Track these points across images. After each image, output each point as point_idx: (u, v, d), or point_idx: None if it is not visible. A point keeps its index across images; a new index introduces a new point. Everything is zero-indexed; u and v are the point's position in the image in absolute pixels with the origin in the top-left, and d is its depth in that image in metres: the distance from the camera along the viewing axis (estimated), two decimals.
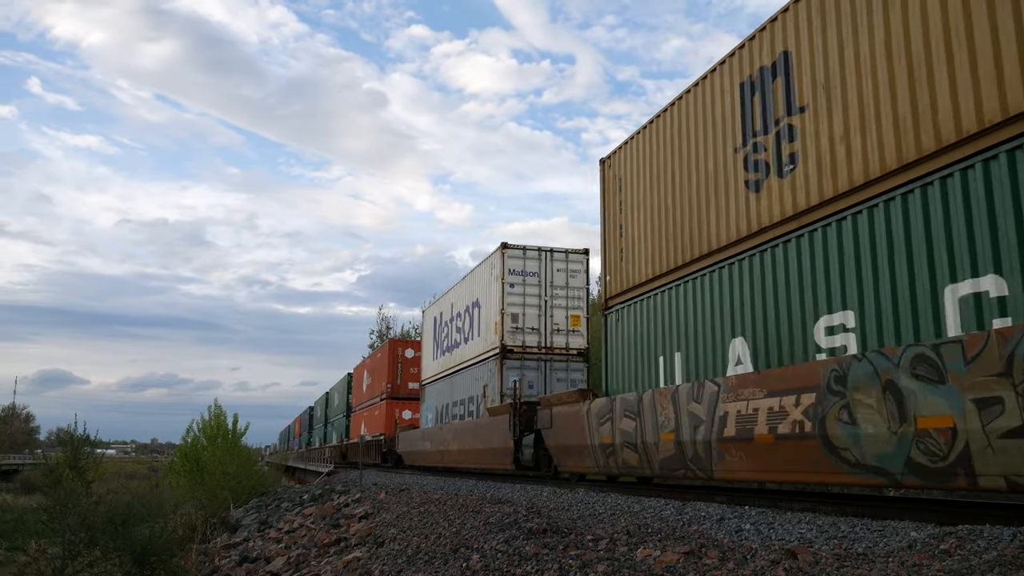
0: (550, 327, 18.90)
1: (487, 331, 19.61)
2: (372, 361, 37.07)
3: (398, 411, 30.41)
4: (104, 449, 74.99)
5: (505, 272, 18.77)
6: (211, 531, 19.11)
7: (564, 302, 19.06)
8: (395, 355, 31.76)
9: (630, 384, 12.86)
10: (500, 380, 18.33)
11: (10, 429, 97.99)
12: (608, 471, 12.68)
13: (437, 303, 26.93)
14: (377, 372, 33.90)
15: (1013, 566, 4.78)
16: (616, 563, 6.33)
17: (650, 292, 12.57)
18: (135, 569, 13.65)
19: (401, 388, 31.15)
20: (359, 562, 9.82)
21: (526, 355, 18.67)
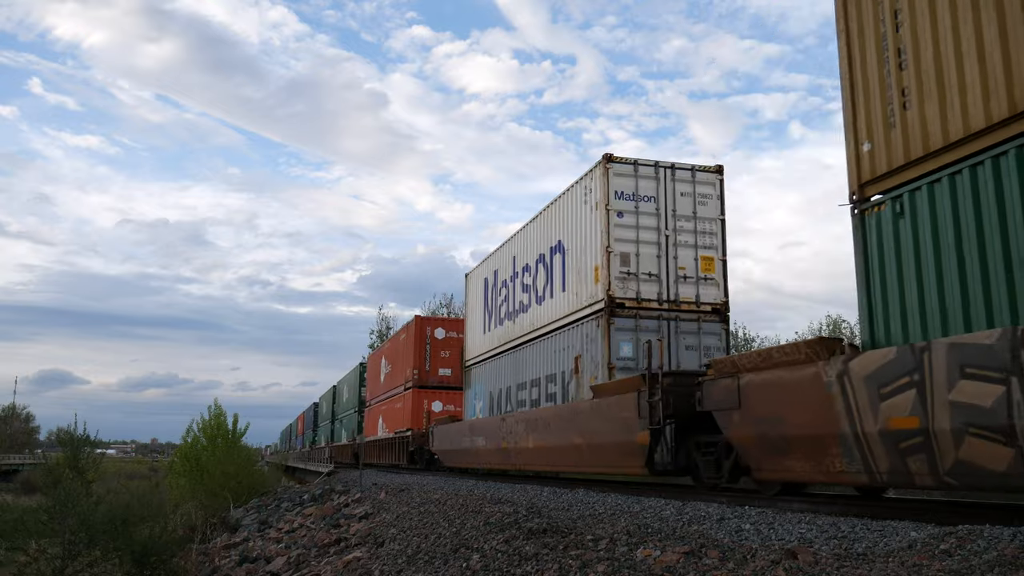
0: (674, 272, 14.05)
1: (579, 282, 14.88)
2: (393, 345, 32.16)
3: (427, 402, 26.30)
4: (104, 449, 75.09)
5: (611, 195, 13.94)
6: (211, 531, 19.10)
7: (692, 238, 14.24)
8: (422, 335, 27.29)
9: (928, 325, 7.24)
10: (606, 347, 13.51)
11: (10, 429, 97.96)
12: (898, 477, 7.28)
13: (489, 260, 21.35)
14: (400, 357, 29.61)
15: (1013, 566, 4.78)
16: (616, 563, 6.33)
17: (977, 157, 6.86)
18: (135, 569, 13.65)
19: (430, 375, 27.00)
20: (359, 562, 9.82)
21: (642, 311, 13.69)
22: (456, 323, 28.18)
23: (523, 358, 17.73)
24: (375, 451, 33.12)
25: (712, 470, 10.53)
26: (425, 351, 27.19)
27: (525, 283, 18.02)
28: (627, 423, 11.65)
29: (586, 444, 13.18)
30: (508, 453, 16.99)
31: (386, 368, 32.76)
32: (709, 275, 14.19)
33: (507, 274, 19.45)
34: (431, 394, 26.74)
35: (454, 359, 26.55)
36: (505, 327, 19.23)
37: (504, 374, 19.10)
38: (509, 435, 16.96)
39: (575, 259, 15.11)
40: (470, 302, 23.15)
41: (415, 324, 27.67)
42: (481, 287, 21.88)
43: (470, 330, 22.78)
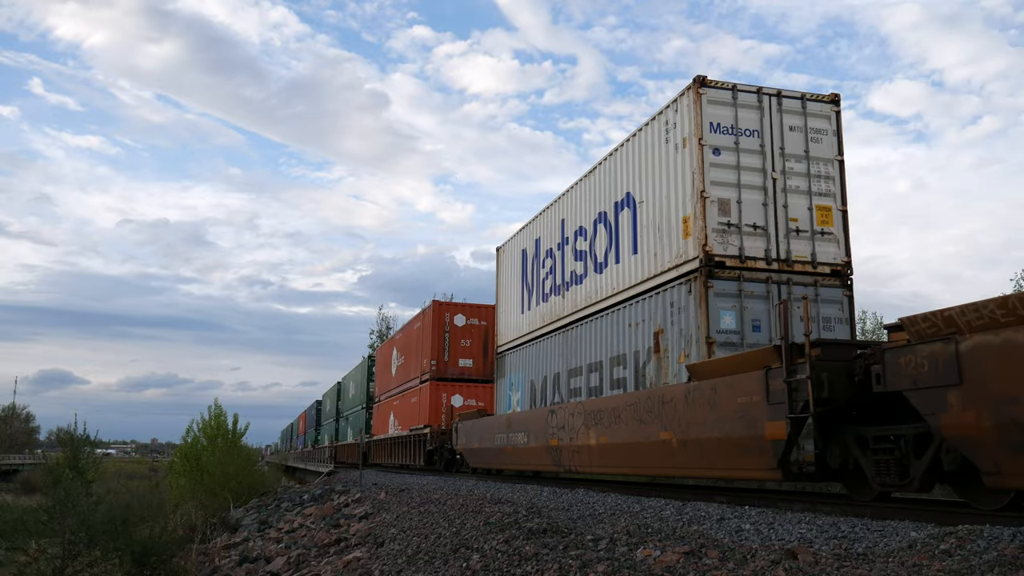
0: (783, 225, 11.52)
1: (659, 240, 12.33)
2: (407, 335, 29.35)
3: (445, 396, 24.11)
4: (104, 449, 75.10)
5: (704, 127, 11.36)
6: (211, 531, 19.10)
7: (804, 183, 11.76)
8: (440, 323, 24.85)
9: None
10: (702, 317, 10.83)
11: (10, 429, 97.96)
12: None
13: (528, 229, 18.69)
14: (415, 347, 27.19)
15: (1013, 566, 4.78)
16: (616, 563, 6.32)
17: None
18: (135, 569, 13.65)
19: (450, 366, 24.63)
20: (359, 562, 9.82)
21: (747, 272, 11.18)
22: (478, 309, 25.70)
23: (577, 339, 15.12)
24: (386, 450, 30.91)
25: (891, 474, 7.80)
26: (444, 340, 24.66)
27: (579, 250, 15.40)
28: (747, 412, 8.90)
29: (679, 440, 10.28)
30: (560, 453, 14.10)
31: (398, 360, 30.34)
32: (826, 229, 11.67)
33: (553, 242, 16.86)
34: (450, 387, 24.44)
35: (476, 348, 24.85)
36: (551, 304, 16.66)
37: (550, 359, 16.49)
38: (561, 431, 14.01)
39: (652, 213, 12.58)
40: (503, 280, 20.48)
41: (432, 310, 25.02)
42: (517, 261, 19.20)
43: (503, 312, 20.21)
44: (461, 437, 20.61)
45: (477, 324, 25.36)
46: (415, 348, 27.19)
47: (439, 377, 24.57)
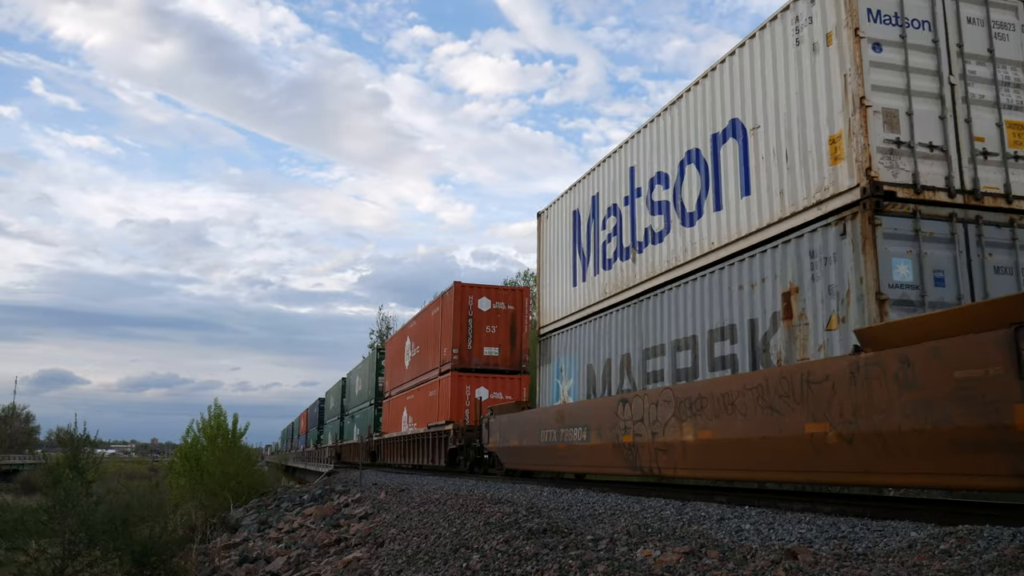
0: (967, 145, 8.90)
1: (791, 172, 9.65)
2: (423, 322, 26.95)
3: (469, 388, 21.97)
4: (104, 449, 75.07)
5: (861, 15, 8.81)
6: (211, 531, 19.10)
7: (990, 92, 9.15)
8: (463, 307, 22.48)
9: None
10: (870, 266, 8.20)
11: (10, 429, 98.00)
12: None
13: (580, 186, 15.85)
14: (432, 336, 24.91)
15: (1013, 566, 4.78)
16: (616, 563, 6.33)
17: None
18: (135, 569, 13.65)
19: (473, 356, 22.34)
20: (359, 562, 9.82)
21: (924, 207, 8.50)
22: (505, 292, 23.61)
23: (655, 310, 12.49)
24: (398, 449, 28.48)
25: None
26: (467, 326, 22.22)
27: (657, 201, 12.71)
28: (975, 391, 6.24)
29: (839, 435, 7.58)
30: (636, 452, 11.44)
31: (412, 351, 27.91)
32: (1020, 152, 9.08)
33: (617, 196, 14.11)
34: (474, 379, 22.17)
35: (502, 336, 22.64)
36: (616, 272, 13.92)
37: (615, 338, 13.72)
38: (639, 424, 11.34)
39: (773, 139, 10.02)
40: (546, 250, 17.65)
41: (454, 293, 22.57)
42: (566, 225, 16.37)
43: (548, 288, 17.33)
44: (494, 434, 17.93)
45: (504, 309, 22.88)
46: (433, 336, 24.63)
47: (462, 368, 22.09)
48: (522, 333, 23.00)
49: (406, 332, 30.17)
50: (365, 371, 38.19)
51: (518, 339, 22.94)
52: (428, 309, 26.62)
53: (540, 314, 17.71)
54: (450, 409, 21.88)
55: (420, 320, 27.81)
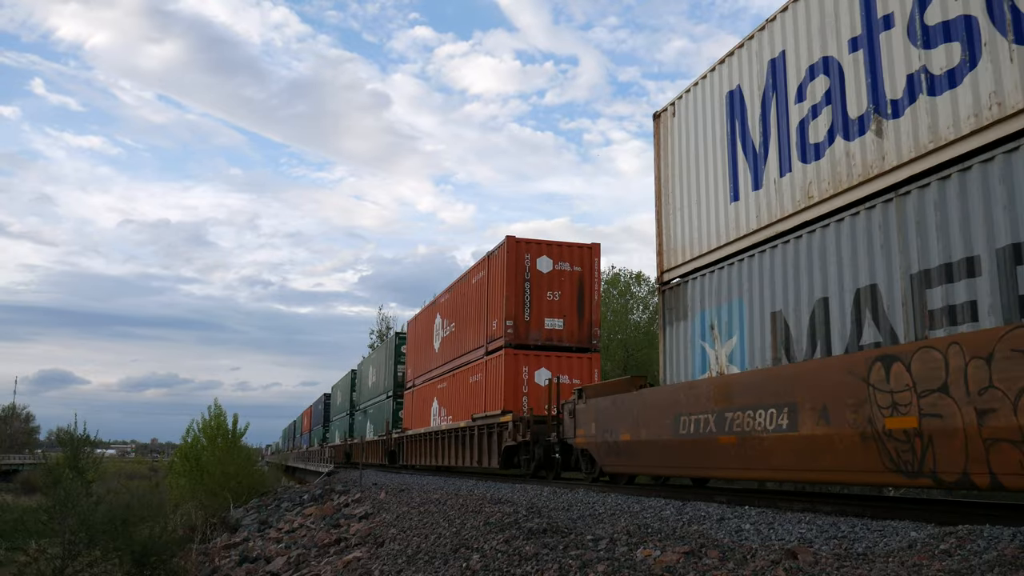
0: None
1: None
2: (460, 294, 22.54)
3: (527, 370, 17.98)
4: (104, 449, 75.13)
5: None
6: (211, 531, 19.10)
7: None
8: (518, 268, 18.25)
9: None
10: None
11: (10, 429, 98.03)
12: None
13: (745, 50, 11.30)
14: (475, 307, 20.83)
15: (1013, 566, 4.78)
16: (616, 563, 6.33)
17: None
18: (135, 569, 13.65)
19: (531, 328, 18.22)
20: (359, 562, 9.82)
21: None
22: (571, 250, 19.05)
23: (940, 204, 7.94)
24: (427, 448, 24.45)
25: None
26: (523, 292, 18.18)
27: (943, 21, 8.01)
28: None
29: None
30: (928, 446, 6.84)
31: (444, 329, 24.04)
32: None
33: (833, 42, 9.57)
34: (533, 358, 18.07)
35: (567, 303, 18.58)
36: (832, 162, 9.45)
37: (835, 264, 9.28)
38: (934, 397, 6.79)
39: None
40: (673, 161, 13.05)
41: (506, 251, 18.46)
42: (714, 118, 11.97)
43: (677, 214, 12.72)
44: (584, 425, 13.68)
45: (569, 270, 18.65)
46: (475, 309, 20.65)
47: (517, 344, 18.00)
48: (592, 301, 18.71)
49: (435, 309, 25.63)
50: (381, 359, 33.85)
51: (587, 308, 18.63)
52: (467, 276, 22.08)
53: (663, 254, 12.94)
54: (503, 396, 17.83)
55: (456, 291, 23.12)
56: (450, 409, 22.49)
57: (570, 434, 14.62)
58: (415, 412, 27.32)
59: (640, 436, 11.79)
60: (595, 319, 18.79)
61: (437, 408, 24.10)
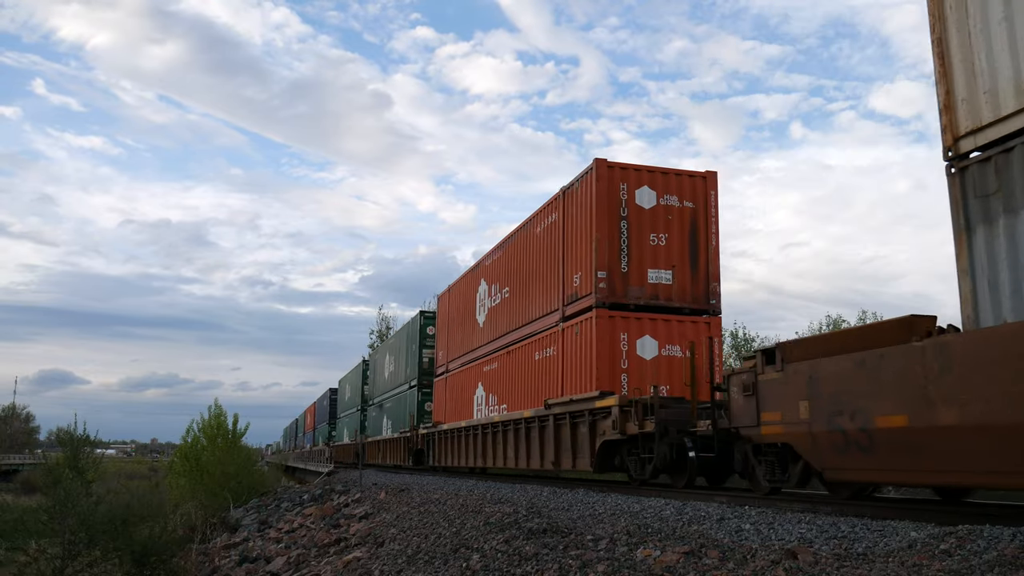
0: None
1: None
2: (517, 247, 17.98)
3: (625, 338, 13.59)
4: (104, 449, 75.12)
5: None
6: (211, 531, 19.10)
7: None
8: (612, 201, 13.85)
9: None
10: None
11: (10, 429, 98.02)
12: None
13: None
14: (543, 261, 16.26)
15: (1013, 566, 4.78)
16: (616, 563, 6.32)
17: None
18: (135, 569, 13.65)
19: (630, 283, 13.77)
20: (359, 562, 9.82)
21: None
22: (679, 180, 14.41)
23: None
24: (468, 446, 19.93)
25: None
26: (619, 235, 13.82)
27: None
28: None
29: None
30: None
31: (493, 297, 19.48)
32: None
33: None
34: (634, 323, 13.73)
35: (676, 251, 14.08)
36: None
37: None
38: None
39: None
40: None
41: (595, 178, 13.95)
42: None
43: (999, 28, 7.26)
44: (785, 404, 9.00)
45: (678, 206, 14.27)
46: (543, 263, 16.21)
47: (613, 304, 13.64)
48: (709, 247, 14.35)
49: (477, 275, 21.20)
50: (400, 345, 29.35)
51: (703, 257, 14.25)
52: (529, 225, 17.41)
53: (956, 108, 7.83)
54: (593, 373, 13.53)
55: (511, 248, 18.53)
56: (503, 396, 18.18)
57: (746, 421, 9.67)
58: (449, 403, 22.90)
59: (939, 419, 6.95)
60: (713, 271, 14.31)
61: (482, 396, 19.83)
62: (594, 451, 13.31)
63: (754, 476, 10.01)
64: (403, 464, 26.84)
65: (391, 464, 29.22)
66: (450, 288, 24.77)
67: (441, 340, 25.22)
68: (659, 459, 11.62)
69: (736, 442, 10.20)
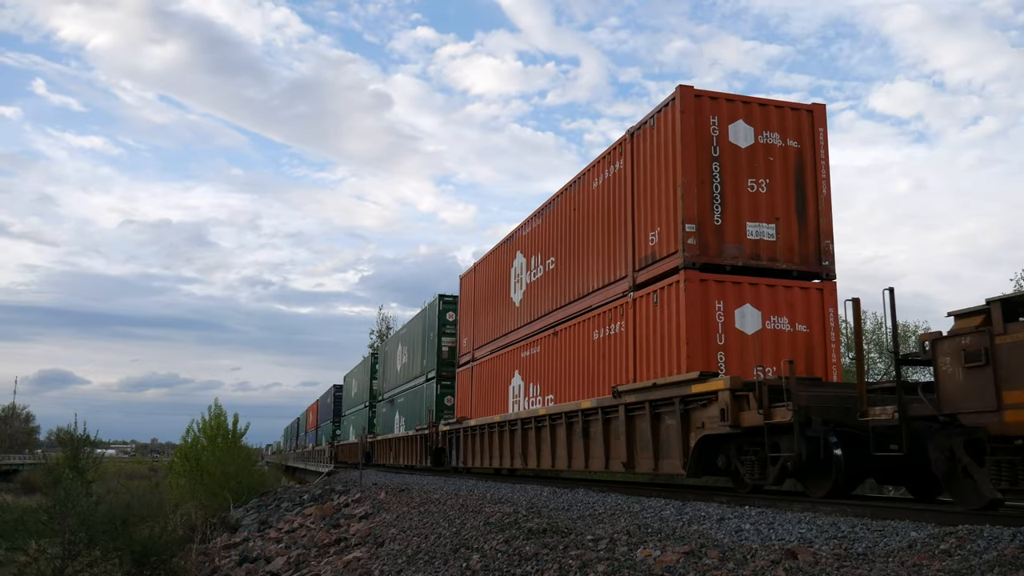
0: None
1: None
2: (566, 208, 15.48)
3: (720, 306, 11.05)
4: (104, 449, 75.07)
5: None
6: (211, 531, 19.11)
7: None
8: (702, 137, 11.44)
9: None
10: None
11: (10, 429, 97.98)
12: None
13: None
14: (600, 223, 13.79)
15: (1013, 566, 4.78)
16: (616, 563, 6.32)
17: None
18: (135, 569, 13.65)
19: (725, 239, 11.33)
20: (359, 562, 9.82)
21: None
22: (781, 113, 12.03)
23: None
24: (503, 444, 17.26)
25: None
26: (711, 178, 11.37)
27: None
28: None
29: None
30: None
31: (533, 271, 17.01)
32: None
33: None
34: (731, 288, 11.21)
35: (780, 199, 11.65)
36: None
37: None
38: None
39: None
40: None
41: (681, 109, 11.49)
42: None
43: None
44: None
45: (780, 145, 11.79)
46: (604, 221, 13.69)
47: (705, 264, 11.10)
48: (819, 196, 11.86)
49: (512, 247, 18.65)
50: (416, 334, 27.22)
51: (811, 208, 11.79)
52: (581, 181, 14.86)
53: None
54: (683, 352, 10.87)
55: (556, 210, 15.99)
56: (548, 385, 15.69)
57: (971, 404, 7.07)
58: (477, 395, 20.51)
59: None
60: (825, 226, 11.76)
61: (520, 386, 17.38)
62: (687, 449, 10.53)
63: (961, 481, 7.48)
64: (420, 465, 24.47)
65: (405, 465, 26.92)
66: (475, 266, 21.97)
67: (465, 325, 22.45)
68: (796, 458, 8.83)
69: (934, 436, 7.68)
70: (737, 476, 10.24)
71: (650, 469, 11.53)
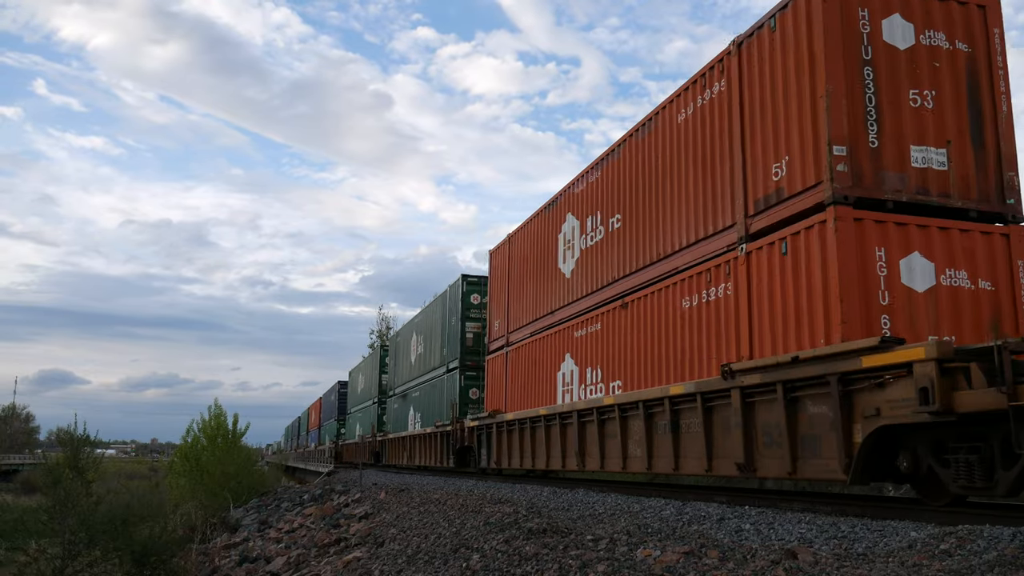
0: None
1: None
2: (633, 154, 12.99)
3: (881, 255, 8.36)
4: (104, 449, 75.13)
5: None
6: (211, 531, 19.12)
7: None
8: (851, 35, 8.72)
9: None
10: None
11: (10, 429, 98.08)
12: None
13: None
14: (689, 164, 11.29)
15: (1013, 566, 4.78)
16: (616, 563, 6.33)
17: None
18: (135, 569, 13.66)
19: (884, 166, 8.59)
20: (359, 562, 9.83)
21: None
22: (946, 8, 9.34)
23: None
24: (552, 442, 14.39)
25: None
26: (863, 87, 8.78)
27: None
28: None
29: None
30: None
31: (589, 235, 14.61)
32: None
33: None
34: (895, 231, 8.53)
35: (951, 115, 9.08)
36: None
37: None
38: None
39: None
40: None
41: None
42: None
43: None
44: None
45: (947, 48, 9.27)
46: (698, 159, 11.22)
47: (859, 200, 8.51)
48: (998, 114, 9.41)
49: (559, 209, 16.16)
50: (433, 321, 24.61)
51: (989, 130, 9.37)
52: (664, 113, 12.33)
53: None
54: (835, 313, 8.28)
55: (624, 156, 13.51)
56: (613, 369, 13.16)
57: None
58: (513, 385, 17.89)
59: None
60: (1007, 152, 9.33)
61: (572, 372, 14.76)
62: (850, 446, 7.66)
63: None
64: (441, 466, 21.68)
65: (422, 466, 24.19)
66: (509, 237, 19.06)
67: (497, 306, 19.64)
68: None
69: None
70: (930, 483, 7.51)
71: (783, 473, 8.59)
